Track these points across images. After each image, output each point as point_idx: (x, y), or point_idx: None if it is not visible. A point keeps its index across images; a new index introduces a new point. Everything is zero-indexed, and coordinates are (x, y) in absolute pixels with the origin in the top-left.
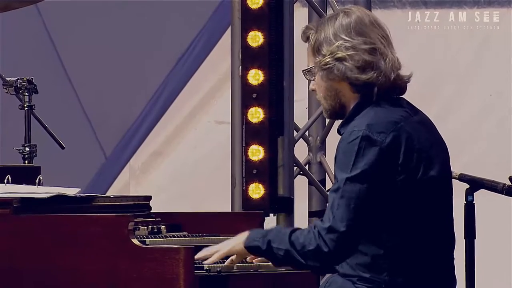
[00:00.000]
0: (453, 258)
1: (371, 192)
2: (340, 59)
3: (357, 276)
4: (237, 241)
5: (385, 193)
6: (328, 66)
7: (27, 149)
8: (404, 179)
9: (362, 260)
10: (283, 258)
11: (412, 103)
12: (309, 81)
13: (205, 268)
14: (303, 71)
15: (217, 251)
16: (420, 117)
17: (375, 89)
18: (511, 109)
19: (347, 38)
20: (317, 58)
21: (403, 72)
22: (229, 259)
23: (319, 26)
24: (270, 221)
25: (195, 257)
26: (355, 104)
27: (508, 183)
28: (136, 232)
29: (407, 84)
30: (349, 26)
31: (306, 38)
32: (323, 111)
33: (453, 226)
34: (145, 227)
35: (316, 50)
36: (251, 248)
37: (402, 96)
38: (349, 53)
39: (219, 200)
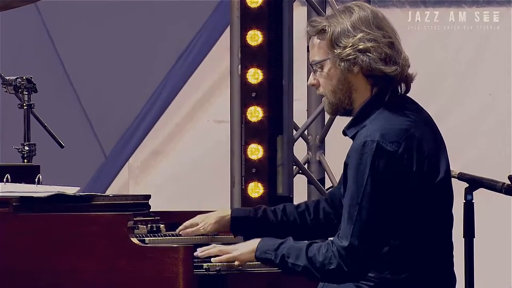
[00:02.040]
0: (453, 256)
1: (387, 205)
2: (363, 51)
3: None
4: (247, 249)
5: (399, 200)
6: (350, 57)
7: (26, 148)
8: (416, 185)
9: None
10: (299, 273)
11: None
12: (308, 77)
13: (204, 267)
14: (313, 63)
15: (227, 253)
16: (424, 117)
17: (391, 83)
18: (510, 109)
19: (368, 31)
20: (335, 50)
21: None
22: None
23: (331, 19)
24: None
25: (198, 254)
26: (363, 104)
27: (508, 182)
28: (135, 231)
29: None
30: (367, 19)
31: (317, 31)
32: (326, 106)
33: (453, 224)
34: (144, 226)
35: (334, 42)
36: (262, 260)
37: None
38: (371, 45)
39: (218, 199)
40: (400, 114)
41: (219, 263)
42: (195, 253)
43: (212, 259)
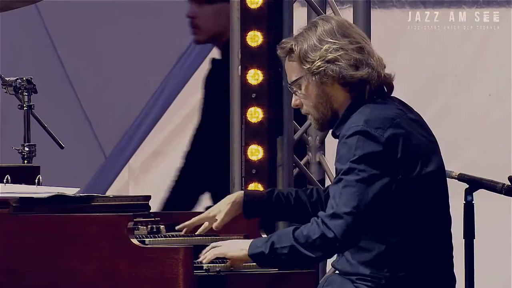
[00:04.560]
0: (452, 256)
1: (372, 181)
2: (331, 61)
3: (356, 275)
4: (240, 247)
5: (385, 186)
6: (320, 69)
7: (26, 148)
8: (404, 174)
9: (364, 257)
10: (287, 257)
11: (412, 103)
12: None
13: (204, 268)
14: (289, 84)
15: (217, 248)
16: (414, 115)
17: (367, 86)
18: (510, 109)
19: (333, 41)
20: (305, 66)
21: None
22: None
23: (298, 37)
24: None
25: (199, 260)
26: (348, 105)
27: (508, 183)
28: (135, 232)
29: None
30: (332, 30)
31: (286, 52)
32: (313, 124)
33: (451, 224)
34: (144, 227)
35: (302, 59)
36: (255, 256)
37: (394, 96)
38: (339, 53)
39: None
40: (386, 107)
41: (219, 265)
42: (199, 260)
43: (203, 261)
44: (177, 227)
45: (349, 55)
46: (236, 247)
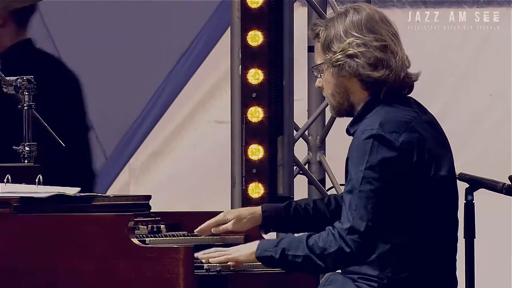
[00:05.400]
0: (456, 259)
1: (387, 190)
2: (351, 56)
3: (359, 274)
4: (247, 251)
5: (399, 191)
6: (339, 62)
7: (26, 148)
8: (417, 178)
9: None
10: (300, 265)
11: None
12: (316, 78)
13: (205, 268)
14: (311, 67)
15: (224, 254)
16: (428, 117)
17: (384, 87)
18: (510, 109)
19: (358, 35)
20: (327, 55)
21: (411, 70)
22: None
23: (329, 23)
24: None
25: (198, 255)
26: (365, 102)
27: (508, 182)
28: (135, 231)
29: (415, 83)
30: (360, 23)
31: (315, 35)
32: (330, 109)
33: (458, 228)
34: (145, 227)
35: (326, 46)
36: (263, 259)
37: (410, 95)
38: (360, 50)
39: (218, 199)
40: (401, 109)
41: (219, 264)
42: (195, 254)
43: (210, 259)
44: (196, 231)
45: (370, 52)
46: (245, 251)
